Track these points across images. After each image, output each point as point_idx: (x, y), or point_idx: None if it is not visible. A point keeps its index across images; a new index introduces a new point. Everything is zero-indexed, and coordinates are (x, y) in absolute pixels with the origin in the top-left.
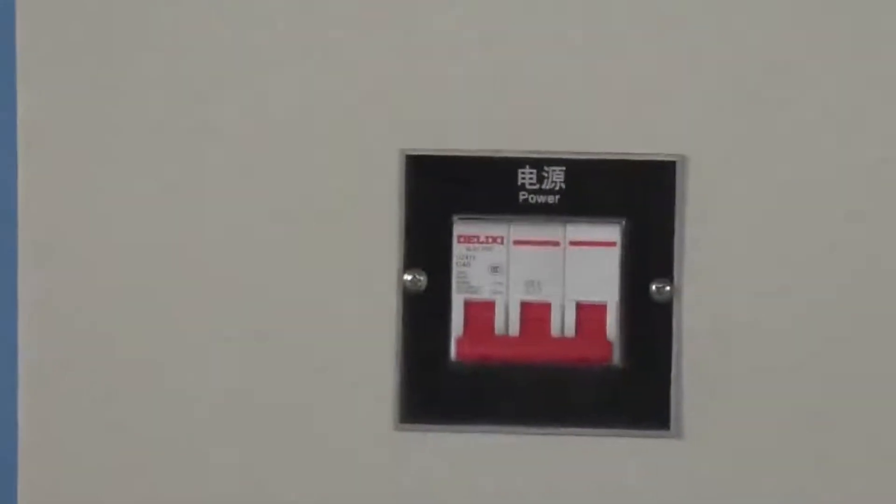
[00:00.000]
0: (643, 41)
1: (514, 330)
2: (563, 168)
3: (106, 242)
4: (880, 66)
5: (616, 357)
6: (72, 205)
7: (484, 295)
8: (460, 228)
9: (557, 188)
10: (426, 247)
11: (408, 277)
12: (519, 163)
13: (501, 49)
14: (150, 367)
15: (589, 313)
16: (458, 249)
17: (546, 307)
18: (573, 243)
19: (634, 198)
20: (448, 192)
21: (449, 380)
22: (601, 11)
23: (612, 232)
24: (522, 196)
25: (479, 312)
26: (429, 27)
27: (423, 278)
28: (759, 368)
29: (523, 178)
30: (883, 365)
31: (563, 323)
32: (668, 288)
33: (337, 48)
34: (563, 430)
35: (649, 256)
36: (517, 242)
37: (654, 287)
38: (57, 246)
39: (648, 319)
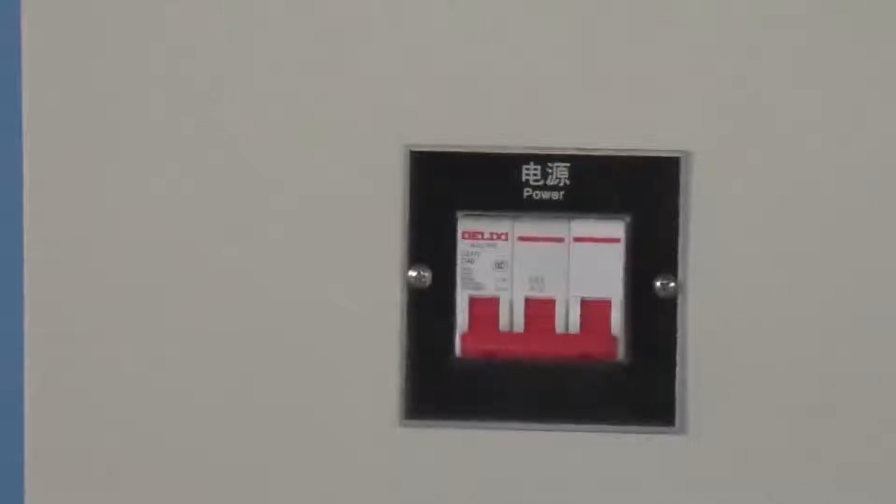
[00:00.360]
0: (648, 37)
1: (519, 326)
2: (568, 164)
3: (111, 242)
4: (880, 65)
5: (620, 353)
6: (77, 204)
7: (488, 291)
8: (465, 225)
9: (562, 185)
10: (431, 243)
11: (412, 273)
12: (523, 159)
13: (505, 45)
14: (155, 366)
15: (593, 309)
16: (462, 246)
17: (551, 303)
18: (577, 239)
19: (639, 194)
20: (452, 189)
21: (453, 376)
22: (605, 7)
23: (616, 228)
24: (527, 192)
25: (484, 309)
26: (433, 23)
27: (427, 274)
28: (763, 364)
29: (527, 175)
30: (886, 362)
31: (568, 319)
32: (672, 284)
33: (340, 44)
34: (567, 426)
35: (653, 252)
36: (522, 239)
37: (658, 283)
38: (63, 245)
39: (653, 315)
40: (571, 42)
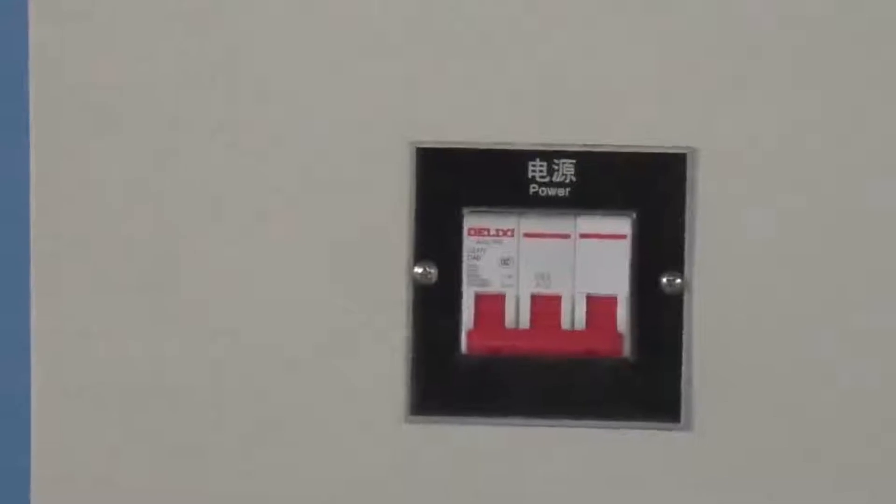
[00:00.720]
0: (653, 34)
1: (525, 323)
2: (574, 161)
3: (116, 238)
4: (880, 65)
5: (626, 350)
6: (83, 199)
7: (494, 288)
8: (471, 221)
9: (568, 181)
10: (436, 240)
11: (418, 270)
12: (529, 156)
13: (510, 42)
14: (159, 363)
15: (599, 306)
16: (468, 242)
17: (556, 300)
18: (583, 236)
19: (645, 190)
20: (458, 185)
21: (459, 372)
22: (610, 3)
23: (622, 224)
24: (533, 189)
25: (490, 305)
26: (438, 20)
27: (433, 271)
28: (768, 361)
29: (534, 171)
30: (888, 361)
31: (574, 315)
32: (678, 280)
33: (346, 41)
34: (573, 422)
35: (660, 249)
36: (528, 235)
37: (664, 279)
38: (69, 240)
39: (659, 312)
40: (576, 38)
